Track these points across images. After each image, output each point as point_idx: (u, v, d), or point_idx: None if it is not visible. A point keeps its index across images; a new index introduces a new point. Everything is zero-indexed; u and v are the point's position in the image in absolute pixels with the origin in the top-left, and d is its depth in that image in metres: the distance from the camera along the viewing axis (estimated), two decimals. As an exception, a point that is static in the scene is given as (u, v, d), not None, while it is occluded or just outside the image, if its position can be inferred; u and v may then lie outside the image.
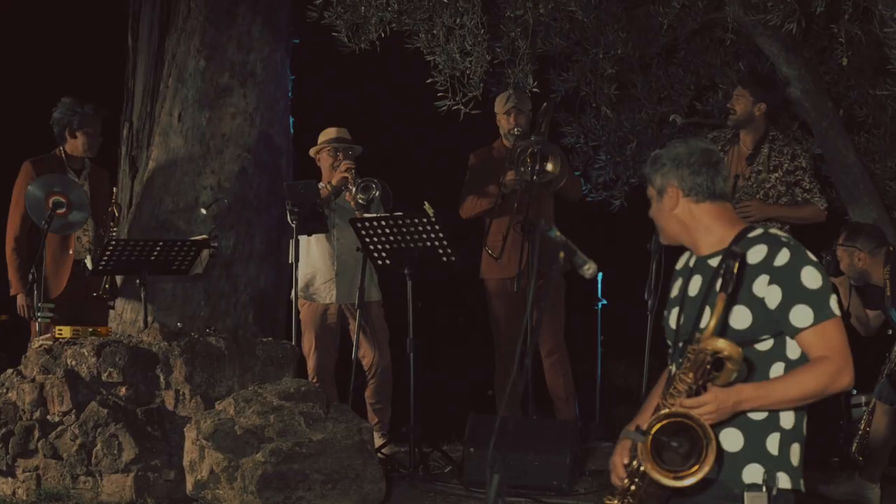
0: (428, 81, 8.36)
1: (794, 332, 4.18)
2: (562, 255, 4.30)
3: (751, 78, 8.48)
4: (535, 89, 8.42)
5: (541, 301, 4.64)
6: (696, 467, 3.96)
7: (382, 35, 8.35)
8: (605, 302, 9.26)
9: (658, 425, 4.06)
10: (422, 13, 8.24)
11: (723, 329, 4.17)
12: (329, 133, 8.98)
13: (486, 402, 11.99)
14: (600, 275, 9.15)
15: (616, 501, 4.32)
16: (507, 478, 4.06)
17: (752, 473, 4.21)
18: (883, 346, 8.10)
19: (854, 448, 8.04)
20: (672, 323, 4.47)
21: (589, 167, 9.74)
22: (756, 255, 4.22)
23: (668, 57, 9.66)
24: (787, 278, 4.18)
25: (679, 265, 4.64)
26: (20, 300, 8.62)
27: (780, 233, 4.33)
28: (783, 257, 4.19)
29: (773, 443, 4.24)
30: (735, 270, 4.02)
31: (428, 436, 8.30)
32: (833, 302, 4.20)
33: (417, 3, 8.20)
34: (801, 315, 4.16)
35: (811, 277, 4.18)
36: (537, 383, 8.50)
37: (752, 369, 4.19)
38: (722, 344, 3.95)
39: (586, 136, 9.68)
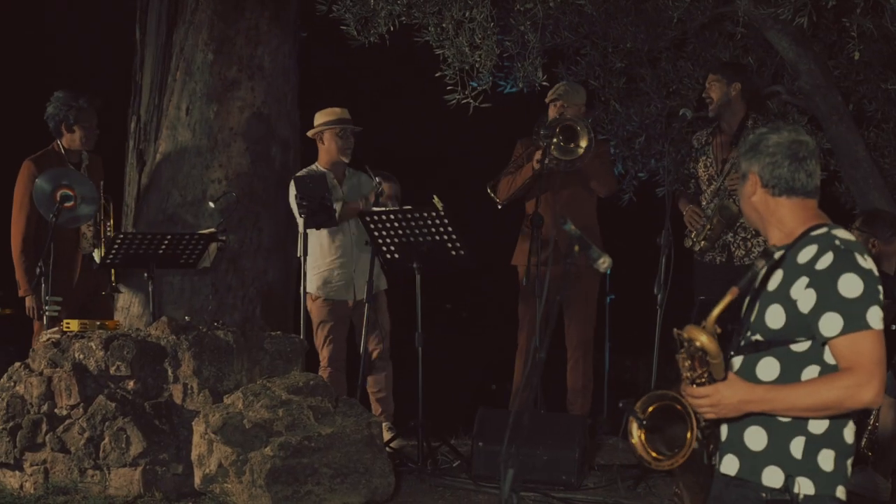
0: (437, 75, 8.34)
1: (823, 339, 4.03)
2: (577, 248, 4.28)
3: (720, 64, 8.51)
4: (544, 83, 8.39)
5: (557, 295, 4.60)
6: (675, 456, 3.97)
7: (391, 28, 8.33)
8: (613, 296, 9.22)
9: (652, 407, 4.06)
10: (431, 6, 8.22)
11: (759, 324, 4.09)
12: (334, 113, 8.90)
13: (490, 396, 11.99)
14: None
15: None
16: (517, 472, 4.05)
17: (771, 475, 4.10)
18: (890, 339, 8.06)
19: (864, 443, 8.01)
20: (742, 313, 4.35)
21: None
22: (805, 254, 4.10)
23: (677, 51, 9.64)
24: (824, 283, 4.03)
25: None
26: (28, 302, 8.61)
27: (840, 234, 4.15)
28: (826, 261, 4.04)
29: (797, 446, 4.10)
30: (762, 273, 3.96)
31: (436, 430, 8.30)
32: (872, 313, 4.03)
33: (427, -4, 8.20)
34: (830, 323, 4.00)
35: (850, 285, 4.02)
36: (547, 377, 8.49)
37: (784, 371, 4.08)
38: (702, 336, 3.92)
39: (595, 129, 9.65)
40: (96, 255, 8.35)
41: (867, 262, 4.09)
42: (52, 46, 12.77)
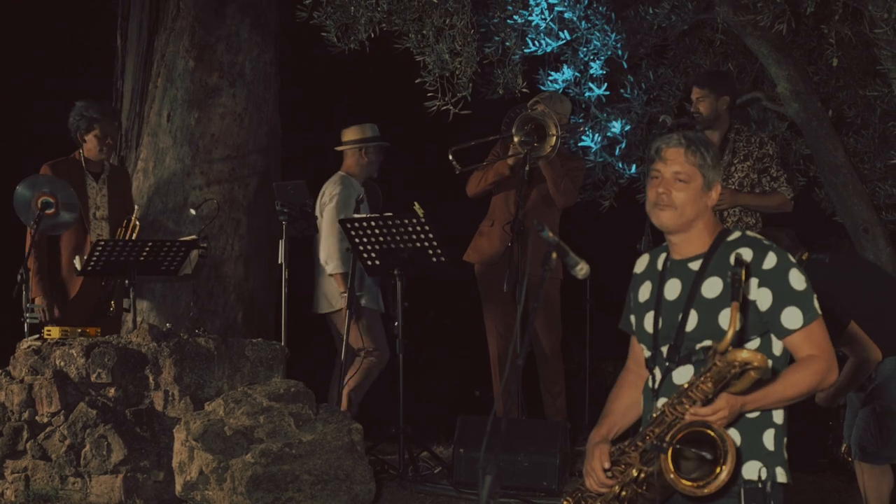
0: (417, 81, 8.35)
1: (785, 333, 4.25)
2: (554, 255, 4.29)
3: (706, 76, 8.49)
4: (523, 90, 8.41)
5: (532, 302, 4.61)
6: (717, 473, 4.00)
7: (372, 35, 8.35)
8: (592, 302, 9.23)
9: (679, 436, 4.09)
10: (411, 13, 8.23)
11: (713, 331, 4.20)
12: (354, 132, 9.06)
13: (473, 403, 11.98)
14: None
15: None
16: (497, 479, 4.06)
17: (751, 469, 4.26)
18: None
19: (843, 449, 8.03)
20: (648, 327, 4.47)
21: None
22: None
23: (657, 58, 9.66)
24: (776, 281, 4.25)
25: (641, 268, 4.61)
26: (39, 303, 8.59)
27: (758, 235, 4.40)
28: (771, 260, 4.26)
29: (768, 439, 4.30)
30: (743, 277, 4.04)
31: (417, 437, 8.30)
32: (816, 302, 4.28)
33: (407, 3, 8.19)
34: (791, 317, 4.23)
35: (798, 279, 4.27)
36: (527, 383, 8.51)
37: None
38: (748, 355, 3.97)
39: (576, 140, 9.68)
40: (77, 263, 8.32)
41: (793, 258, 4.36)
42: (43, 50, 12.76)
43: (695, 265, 4.37)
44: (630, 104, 9.59)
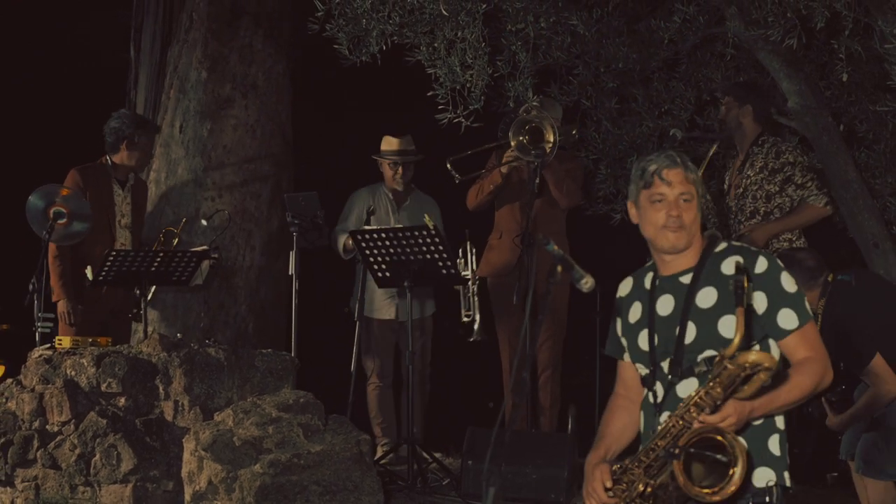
0: (429, 94, 8.38)
1: (782, 334, 4.32)
2: (559, 268, 4.31)
3: (732, 85, 8.53)
4: (535, 102, 8.42)
5: (538, 314, 4.63)
6: (731, 476, 4.02)
7: (384, 48, 8.36)
8: (603, 315, 9.24)
9: (691, 442, 4.11)
10: (423, 26, 8.23)
11: (713, 340, 4.23)
12: (389, 143, 9.14)
13: (487, 414, 11.97)
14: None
15: None
16: (504, 491, 4.08)
17: (761, 477, 4.32)
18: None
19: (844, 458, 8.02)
20: (643, 345, 4.51)
21: (590, 180, 9.75)
22: (731, 266, 4.31)
23: (669, 71, 9.67)
24: (770, 284, 4.33)
25: (625, 291, 4.69)
26: (61, 307, 8.64)
27: (743, 244, 4.49)
28: (762, 264, 4.34)
29: (774, 444, 4.37)
30: (745, 284, 4.08)
31: (426, 448, 8.31)
32: (808, 304, 4.37)
33: (419, 16, 8.19)
34: (787, 318, 4.31)
35: (789, 282, 4.36)
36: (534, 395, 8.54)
37: None
38: (758, 356, 4.01)
39: (587, 149, 9.69)
40: (89, 273, 8.36)
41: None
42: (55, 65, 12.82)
43: (686, 279, 4.43)
44: (641, 117, 9.60)
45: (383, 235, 7.90)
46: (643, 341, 4.48)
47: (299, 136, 10.00)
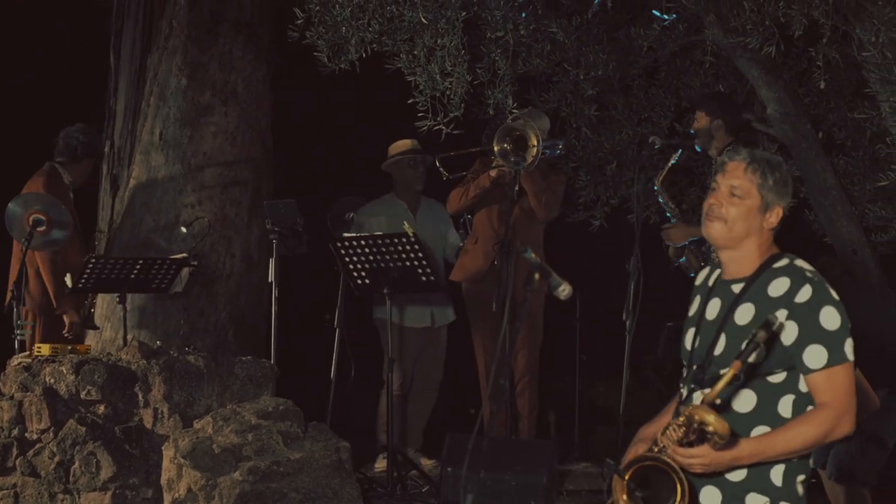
0: (409, 102, 8.38)
1: (806, 371, 4.13)
2: (537, 276, 4.31)
3: (702, 98, 8.56)
4: (514, 110, 8.43)
5: (516, 321, 4.63)
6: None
7: (363, 55, 8.36)
8: (581, 322, 9.26)
9: (636, 466, 4.09)
10: (402, 34, 8.23)
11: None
12: (403, 145, 9.20)
13: (467, 421, 11.97)
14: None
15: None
16: (483, 498, 4.09)
17: (754, 501, 4.20)
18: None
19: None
20: (688, 344, 4.43)
21: (569, 187, 9.76)
22: (778, 287, 4.19)
23: (648, 79, 9.68)
24: (805, 316, 4.13)
25: (699, 281, 4.58)
26: (71, 317, 8.67)
27: (805, 266, 4.27)
28: (805, 294, 4.15)
29: (776, 475, 4.21)
30: (762, 343, 3.97)
31: (406, 455, 8.31)
32: (848, 346, 4.15)
33: (398, 24, 8.20)
34: (815, 356, 4.12)
35: (830, 318, 4.14)
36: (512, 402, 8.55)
37: (761, 402, 4.18)
38: (711, 419, 3.91)
39: (567, 156, 9.70)
40: (68, 280, 8.35)
41: (837, 294, 4.19)
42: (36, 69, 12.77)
43: (737, 287, 4.31)
44: (621, 125, 9.61)
45: (363, 243, 7.91)
46: (689, 339, 4.40)
47: (280, 142, 9.99)
